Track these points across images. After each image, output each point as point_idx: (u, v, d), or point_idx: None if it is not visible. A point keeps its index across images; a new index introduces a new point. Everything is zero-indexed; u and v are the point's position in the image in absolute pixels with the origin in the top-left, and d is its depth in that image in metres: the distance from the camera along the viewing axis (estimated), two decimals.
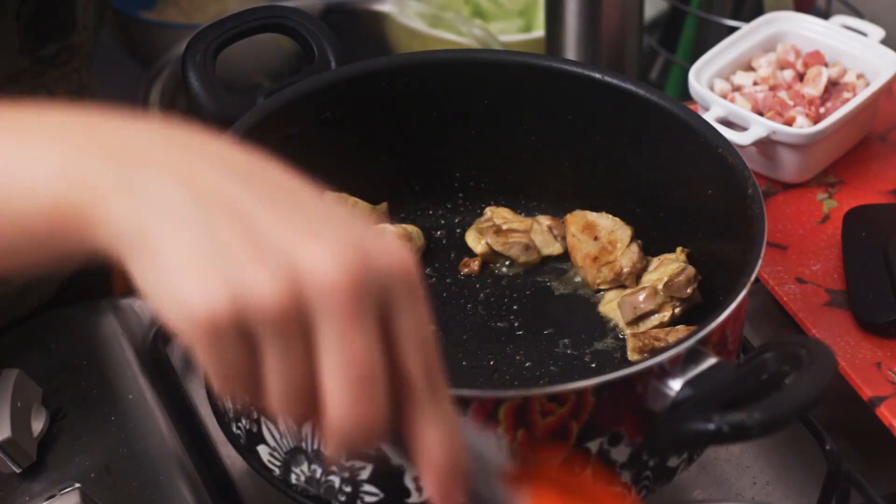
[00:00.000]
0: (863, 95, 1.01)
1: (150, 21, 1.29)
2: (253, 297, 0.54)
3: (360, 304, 0.55)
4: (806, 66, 1.04)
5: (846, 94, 1.02)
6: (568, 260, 0.93)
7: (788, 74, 1.04)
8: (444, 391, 0.58)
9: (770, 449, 0.90)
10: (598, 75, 0.90)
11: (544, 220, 0.93)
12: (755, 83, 1.03)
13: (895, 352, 0.88)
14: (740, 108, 1.00)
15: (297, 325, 0.54)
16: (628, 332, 0.87)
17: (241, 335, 0.54)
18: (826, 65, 1.04)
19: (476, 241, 0.92)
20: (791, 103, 1.01)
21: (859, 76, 1.04)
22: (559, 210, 0.95)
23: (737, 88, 1.04)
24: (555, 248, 0.92)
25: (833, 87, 1.03)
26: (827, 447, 0.84)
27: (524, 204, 0.96)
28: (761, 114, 1.00)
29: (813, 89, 1.02)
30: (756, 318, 0.96)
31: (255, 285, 0.54)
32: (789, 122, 1.00)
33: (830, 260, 0.95)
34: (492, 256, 0.92)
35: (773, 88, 1.03)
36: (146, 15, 1.31)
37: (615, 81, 0.89)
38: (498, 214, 0.93)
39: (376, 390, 0.55)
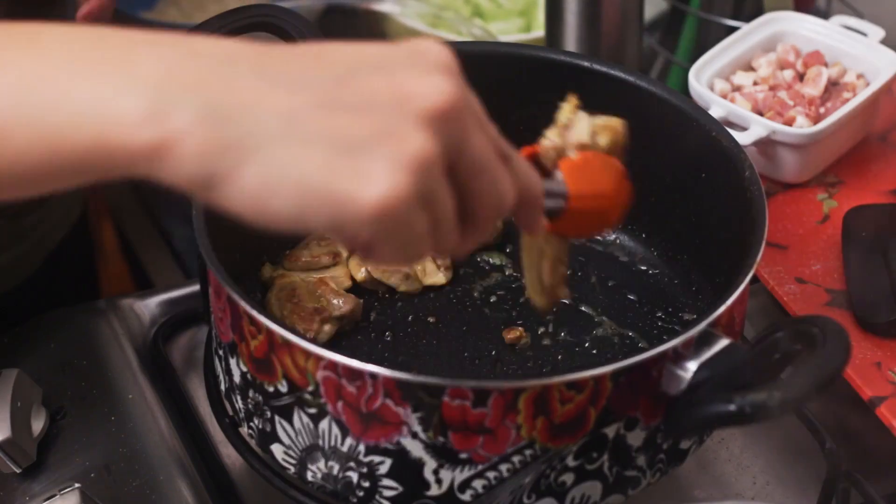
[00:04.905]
0: (863, 95, 1.01)
1: (150, 21, 1.29)
2: (418, 156, 0.56)
3: (473, 103, 0.61)
4: (806, 66, 1.04)
5: (846, 94, 1.02)
6: None
7: (788, 74, 1.04)
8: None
9: (770, 449, 0.90)
10: (587, 63, 0.90)
11: None
12: (755, 83, 1.03)
13: (895, 352, 0.88)
14: (740, 108, 1.00)
15: (456, 152, 0.58)
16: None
17: (420, 199, 0.56)
18: (826, 65, 1.04)
19: (357, 268, 0.91)
20: (791, 103, 1.01)
21: (859, 76, 1.04)
22: None
23: (737, 88, 1.04)
24: (437, 279, 0.92)
25: (833, 87, 1.03)
26: (827, 447, 0.84)
27: None
28: (761, 114, 1.00)
29: (813, 89, 1.02)
30: (756, 318, 0.96)
31: (410, 146, 0.56)
32: (789, 122, 1.00)
33: (830, 260, 0.95)
34: (372, 283, 0.91)
35: (773, 88, 1.03)
36: (146, 15, 1.31)
37: (605, 69, 0.90)
38: None
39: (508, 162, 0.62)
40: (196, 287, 0.94)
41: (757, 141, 0.98)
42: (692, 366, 0.72)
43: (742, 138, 0.97)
